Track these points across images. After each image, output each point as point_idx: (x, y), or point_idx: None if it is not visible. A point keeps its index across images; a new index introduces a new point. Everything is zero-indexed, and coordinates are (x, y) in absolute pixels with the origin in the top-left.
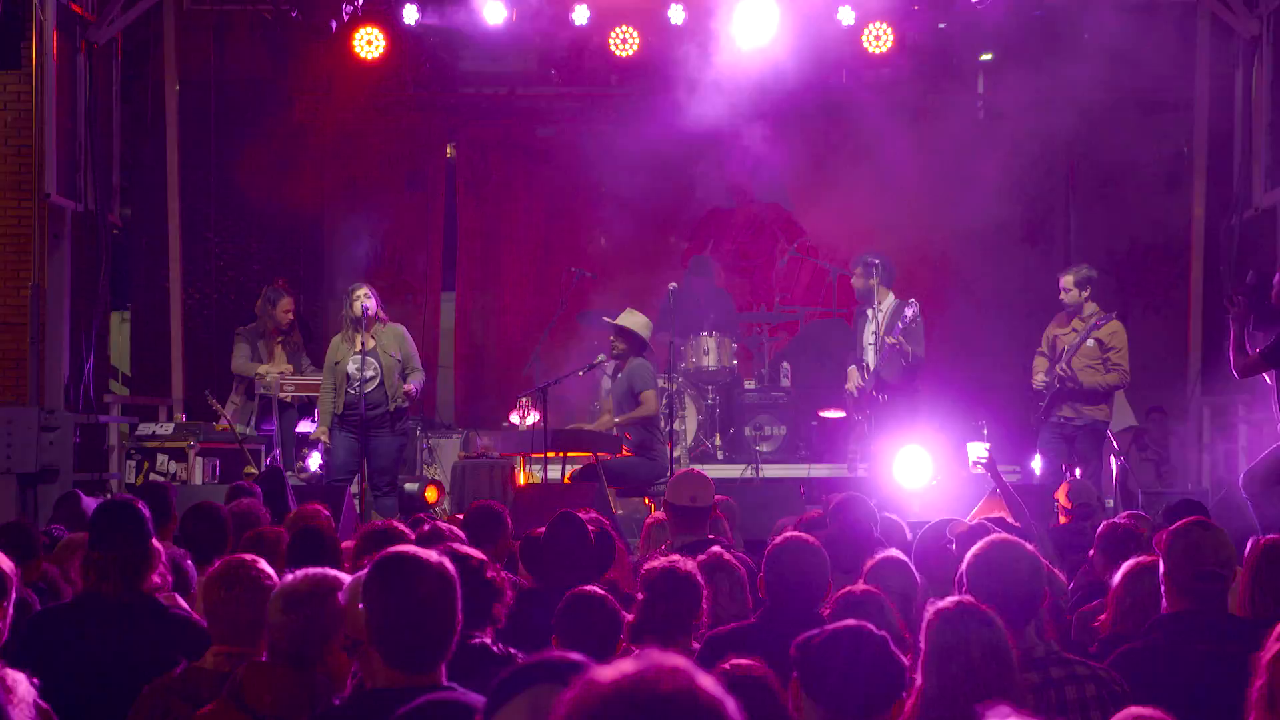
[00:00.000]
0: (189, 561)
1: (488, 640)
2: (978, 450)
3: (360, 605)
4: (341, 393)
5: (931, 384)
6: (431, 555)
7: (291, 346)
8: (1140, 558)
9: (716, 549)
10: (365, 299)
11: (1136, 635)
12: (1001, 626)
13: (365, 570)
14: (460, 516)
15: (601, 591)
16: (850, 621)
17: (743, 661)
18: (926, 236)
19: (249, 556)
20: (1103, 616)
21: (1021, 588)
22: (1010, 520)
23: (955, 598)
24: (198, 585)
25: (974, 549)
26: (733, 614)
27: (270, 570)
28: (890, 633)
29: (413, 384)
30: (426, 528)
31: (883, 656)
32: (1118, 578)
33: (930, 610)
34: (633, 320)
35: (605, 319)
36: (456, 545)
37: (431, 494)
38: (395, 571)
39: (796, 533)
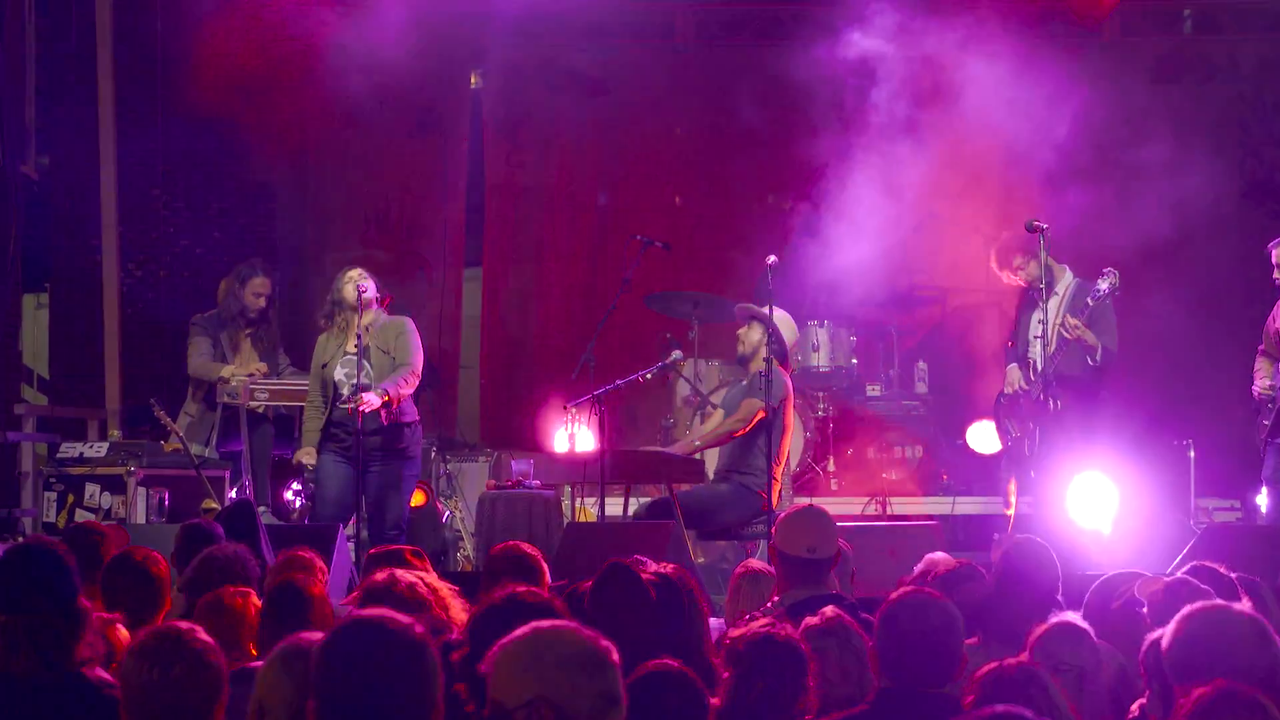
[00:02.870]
0: (120, 627)
1: None
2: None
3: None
4: (330, 405)
5: (1118, 392)
6: (400, 621)
7: (264, 341)
8: None
9: (832, 609)
10: (361, 278)
11: None
12: None
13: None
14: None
15: (680, 667)
16: (1003, 708)
17: None
18: (1110, 197)
19: (186, 625)
20: None
21: (1238, 672)
22: (1222, 571)
23: None
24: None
25: (1178, 619)
26: (847, 696)
27: (210, 641)
28: None
29: (386, 384)
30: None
31: None
32: None
33: None
34: (782, 317)
35: (743, 306)
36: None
37: (418, 497)
38: (342, 647)
39: (917, 587)
